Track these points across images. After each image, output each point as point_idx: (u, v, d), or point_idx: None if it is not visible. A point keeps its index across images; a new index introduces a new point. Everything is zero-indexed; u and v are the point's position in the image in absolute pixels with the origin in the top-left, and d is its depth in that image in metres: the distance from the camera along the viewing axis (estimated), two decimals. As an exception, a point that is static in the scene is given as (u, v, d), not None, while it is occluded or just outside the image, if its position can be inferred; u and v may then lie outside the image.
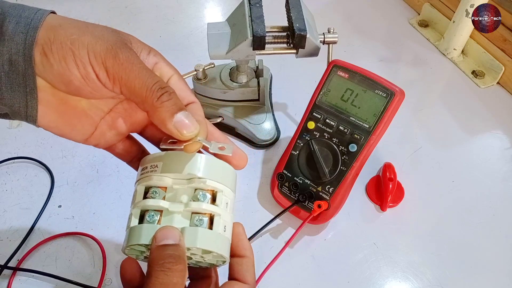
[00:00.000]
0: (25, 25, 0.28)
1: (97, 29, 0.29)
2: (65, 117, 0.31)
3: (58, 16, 0.29)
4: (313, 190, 0.50)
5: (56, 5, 0.82)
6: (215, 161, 0.31)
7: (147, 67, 0.29)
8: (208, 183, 0.30)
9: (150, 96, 0.28)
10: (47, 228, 0.51)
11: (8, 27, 0.27)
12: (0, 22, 0.27)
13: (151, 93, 0.28)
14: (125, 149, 0.36)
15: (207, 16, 0.83)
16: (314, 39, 0.50)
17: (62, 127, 0.31)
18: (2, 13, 0.28)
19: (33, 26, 0.28)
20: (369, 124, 0.48)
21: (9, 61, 0.27)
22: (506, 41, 0.66)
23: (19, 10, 0.28)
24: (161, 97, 0.28)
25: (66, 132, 0.32)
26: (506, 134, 0.62)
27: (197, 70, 0.57)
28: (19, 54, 0.27)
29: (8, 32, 0.27)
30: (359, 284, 0.48)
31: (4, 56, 0.27)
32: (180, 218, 0.30)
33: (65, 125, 0.31)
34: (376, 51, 0.74)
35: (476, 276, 0.48)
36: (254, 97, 0.59)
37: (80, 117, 0.32)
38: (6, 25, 0.27)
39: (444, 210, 0.54)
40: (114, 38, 0.29)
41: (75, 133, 0.33)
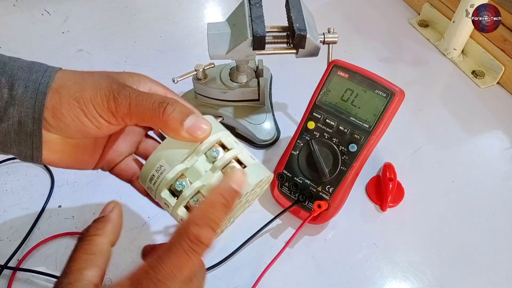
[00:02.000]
0: (33, 90, 0.30)
1: (94, 80, 0.31)
2: (74, 157, 0.34)
3: (61, 75, 0.32)
4: (313, 190, 0.50)
5: (56, 5, 0.82)
6: None
7: (143, 92, 0.31)
8: (207, 141, 0.32)
9: (156, 114, 0.30)
10: (47, 228, 0.51)
11: (18, 91, 0.30)
12: (10, 86, 0.30)
13: (155, 112, 0.30)
14: (124, 169, 0.38)
15: (207, 16, 0.83)
16: (314, 39, 0.50)
17: (72, 165, 0.35)
18: (12, 76, 0.30)
19: (41, 91, 0.30)
20: (369, 124, 0.48)
21: (18, 122, 0.30)
22: (506, 41, 0.66)
23: (27, 73, 0.31)
24: (165, 110, 0.30)
25: (75, 167, 0.35)
26: (506, 134, 0.62)
27: (197, 70, 0.57)
28: (28, 117, 0.30)
29: (18, 96, 0.30)
30: (359, 284, 0.48)
31: (14, 118, 0.30)
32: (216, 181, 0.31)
33: (74, 163, 0.35)
34: (376, 51, 0.74)
35: (476, 276, 0.48)
36: (254, 97, 0.59)
37: (88, 153, 0.35)
38: (15, 89, 0.30)
39: (444, 210, 0.54)
40: (109, 83, 0.31)
41: (84, 166, 0.36)
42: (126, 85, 0.32)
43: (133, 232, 0.51)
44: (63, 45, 0.76)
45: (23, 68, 0.31)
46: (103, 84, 0.31)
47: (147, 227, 0.52)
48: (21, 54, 0.73)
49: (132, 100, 0.30)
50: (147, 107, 0.30)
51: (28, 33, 0.78)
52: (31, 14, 0.81)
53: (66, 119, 0.30)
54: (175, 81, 0.55)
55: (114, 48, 0.75)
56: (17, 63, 0.31)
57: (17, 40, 0.76)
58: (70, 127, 0.31)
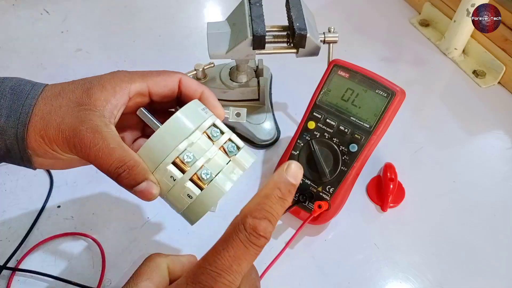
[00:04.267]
0: (14, 120, 0.32)
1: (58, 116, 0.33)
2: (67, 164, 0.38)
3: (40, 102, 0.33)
4: (313, 191, 0.50)
5: (55, 4, 0.82)
6: (189, 110, 0.33)
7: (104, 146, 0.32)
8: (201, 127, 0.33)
9: (111, 176, 0.33)
10: (46, 229, 0.51)
11: (0, 120, 0.32)
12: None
13: (110, 174, 0.32)
14: None
15: (207, 15, 0.83)
16: (314, 39, 0.50)
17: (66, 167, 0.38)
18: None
19: (21, 122, 0.32)
20: (370, 124, 0.48)
21: (5, 146, 0.33)
22: (507, 40, 0.66)
23: (9, 101, 0.33)
24: (120, 177, 0.32)
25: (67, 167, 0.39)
26: (507, 134, 0.62)
27: (197, 70, 0.57)
28: (13, 144, 0.33)
29: (1, 125, 0.32)
30: (359, 285, 0.47)
31: (2, 143, 0.33)
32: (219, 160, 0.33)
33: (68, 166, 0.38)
34: (377, 51, 0.74)
35: (476, 276, 0.48)
36: (254, 97, 0.59)
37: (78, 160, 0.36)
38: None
39: (445, 210, 0.54)
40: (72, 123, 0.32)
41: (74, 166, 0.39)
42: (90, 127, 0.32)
43: (133, 232, 0.51)
44: (63, 44, 0.75)
45: (6, 97, 0.33)
46: (66, 122, 0.32)
47: (147, 227, 0.52)
48: (21, 53, 0.73)
49: (90, 151, 0.32)
50: (104, 165, 0.32)
51: (28, 33, 0.78)
52: (30, 14, 0.81)
53: (39, 151, 0.33)
54: (174, 81, 0.55)
55: (113, 48, 0.75)
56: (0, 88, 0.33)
57: (17, 40, 0.76)
58: (45, 158, 0.34)
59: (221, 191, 0.32)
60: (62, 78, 0.69)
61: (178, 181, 0.32)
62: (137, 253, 0.49)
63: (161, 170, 0.32)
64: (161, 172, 0.32)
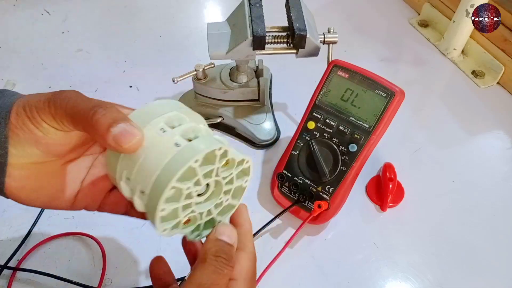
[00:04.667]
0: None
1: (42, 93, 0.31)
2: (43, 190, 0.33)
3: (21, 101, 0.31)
4: (313, 190, 0.50)
5: (56, 5, 0.82)
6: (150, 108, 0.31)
7: (85, 96, 0.30)
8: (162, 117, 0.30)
9: (86, 116, 0.28)
10: (47, 228, 0.51)
11: None
12: None
13: (86, 114, 0.28)
14: (116, 201, 0.36)
15: (207, 16, 0.83)
16: (314, 39, 0.50)
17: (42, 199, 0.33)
18: None
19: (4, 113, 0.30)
20: (369, 124, 0.48)
21: None
22: (506, 41, 0.66)
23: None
24: (95, 113, 0.28)
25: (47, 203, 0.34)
26: (507, 134, 0.62)
27: (197, 70, 0.57)
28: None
29: None
30: (359, 284, 0.48)
31: None
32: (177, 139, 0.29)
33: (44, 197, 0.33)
34: (376, 51, 0.74)
35: (476, 276, 0.48)
36: (254, 97, 0.59)
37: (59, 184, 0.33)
38: None
39: (444, 210, 0.54)
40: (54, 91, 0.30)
41: (57, 202, 0.34)
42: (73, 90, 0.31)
43: (134, 232, 0.51)
44: (63, 45, 0.75)
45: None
46: (48, 92, 0.30)
47: (148, 227, 0.51)
48: (21, 54, 0.74)
49: (69, 101, 0.29)
50: (81, 108, 0.29)
51: (28, 33, 0.78)
52: (30, 14, 0.81)
53: (15, 127, 0.30)
54: (175, 81, 0.55)
55: (113, 48, 0.75)
56: None
57: (17, 40, 0.76)
58: (20, 137, 0.30)
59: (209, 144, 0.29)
60: (62, 78, 0.70)
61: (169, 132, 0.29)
62: (137, 252, 0.50)
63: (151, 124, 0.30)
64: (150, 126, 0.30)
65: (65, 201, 0.34)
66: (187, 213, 0.30)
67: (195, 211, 0.31)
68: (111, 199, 0.36)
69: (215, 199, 0.31)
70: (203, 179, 0.29)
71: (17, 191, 0.32)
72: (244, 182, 0.33)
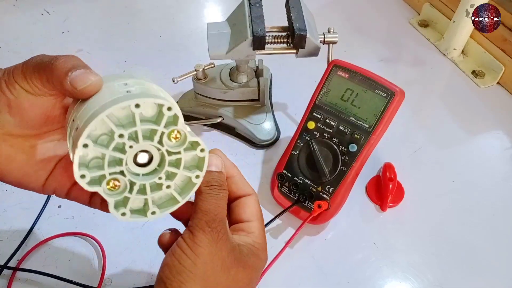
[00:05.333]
0: None
1: None
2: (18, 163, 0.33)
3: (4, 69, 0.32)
4: (313, 190, 0.50)
5: (56, 5, 0.82)
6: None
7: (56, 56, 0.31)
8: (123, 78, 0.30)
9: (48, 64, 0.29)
10: (47, 228, 0.51)
11: None
12: None
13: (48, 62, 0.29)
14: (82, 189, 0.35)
15: (207, 16, 0.83)
16: (314, 39, 0.50)
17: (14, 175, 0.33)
18: None
19: None
20: (369, 124, 0.48)
21: None
22: (506, 41, 0.66)
23: None
24: (57, 58, 0.30)
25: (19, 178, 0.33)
26: (506, 134, 0.62)
27: (197, 70, 0.57)
28: None
29: None
30: (359, 284, 0.48)
31: None
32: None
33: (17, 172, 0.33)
34: (376, 51, 0.74)
35: (476, 276, 0.48)
36: (254, 97, 0.59)
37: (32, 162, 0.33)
38: None
39: (444, 210, 0.54)
40: None
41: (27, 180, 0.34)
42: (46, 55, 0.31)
43: (134, 232, 0.51)
44: (63, 45, 0.76)
45: None
46: None
47: (148, 227, 0.52)
48: (21, 54, 0.74)
49: (37, 58, 0.30)
50: (46, 60, 0.30)
51: (28, 33, 0.78)
52: (31, 14, 0.81)
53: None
54: (175, 81, 0.55)
55: (114, 48, 0.75)
56: None
57: (17, 40, 0.76)
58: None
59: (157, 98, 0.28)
60: (62, 78, 0.69)
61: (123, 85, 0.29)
62: (137, 252, 0.50)
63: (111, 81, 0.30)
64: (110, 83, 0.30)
65: (36, 181, 0.34)
66: (114, 170, 0.28)
67: (126, 176, 0.28)
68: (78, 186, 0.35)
69: (154, 176, 0.29)
70: (141, 135, 0.27)
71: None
72: (195, 177, 0.30)
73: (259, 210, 0.35)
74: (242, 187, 0.35)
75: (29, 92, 0.31)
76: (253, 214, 0.35)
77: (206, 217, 0.31)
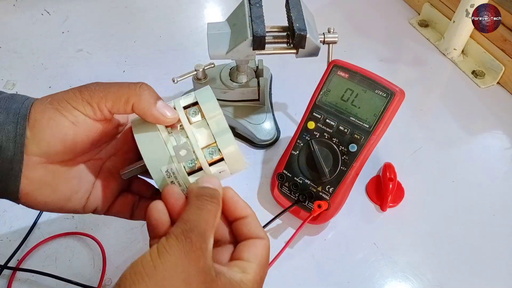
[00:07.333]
0: (14, 114, 0.31)
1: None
2: (54, 188, 0.33)
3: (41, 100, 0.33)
4: (313, 190, 0.50)
5: (56, 5, 0.82)
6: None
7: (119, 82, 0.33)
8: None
9: (132, 89, 0.32)
10: (47, 228, 0.51)
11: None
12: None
13: (130, 86, 0.32)
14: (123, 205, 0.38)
15: (207, 16, 0.83)
16: (314, 39, 0.50)
17: (53, 199, 0.34)
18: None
19: (22, 115, 0.31)
20: (369, 124, 0.48)
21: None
22: (506, 41, 0.66)
23: (8, 102, 0.31)
24: (141, 86, 0.33)
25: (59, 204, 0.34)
26: (506, 134, 0.62)
27: (197, 70, 0.57)
28: (10, 141, 0.30)
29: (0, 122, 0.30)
30: (359, 284, 0.48)
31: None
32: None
33: (56, 196, 0.34)
34: (376, 51, 0.74)
35: (476, 276, 0.48)
36: (254, 97, 0.59)
37: (72, 185, 0.35)
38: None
39: (444, 210, 0.54)
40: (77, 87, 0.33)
41: (70, 204, 0.35)
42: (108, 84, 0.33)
43: (134, 231, 0.51)
44: (63, 45, 0.76)
45: (5, 99, 0.32)
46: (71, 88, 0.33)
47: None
48: (21, 54, 0.74)
49: (104, 84, 0.32)
50: (122, 85, 0.32)
51: (28, 33, 0.78)
52: (31, 14, 0.81)
53: (40, 124, 0.31)
54: (175, 81, 0.55)
55: (114, 48, 0.75)
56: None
57: (17, 40, 0.76)
58: (46, 133, 0.31)
59: None
60: (63, 78, 0.70)
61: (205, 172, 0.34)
62: (137, 252, 0.50)
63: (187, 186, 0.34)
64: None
65: (78, 203, 0.35)
66: None
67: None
68: (119, 202, 0.38)
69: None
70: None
71: (34, 193, 0.32)
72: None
73: (266, 256, 0.32)
74: (254, 229, 0.33)
75: (90, 117, 0.32)
76: (256, 257, 0.31)
77: (184, 226, 0.29)
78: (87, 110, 0.32)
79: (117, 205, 0.38)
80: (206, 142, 0.34)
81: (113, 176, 0.37)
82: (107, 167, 0.37)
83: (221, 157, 0.34)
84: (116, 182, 0.38)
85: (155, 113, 0.32)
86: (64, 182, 0.34)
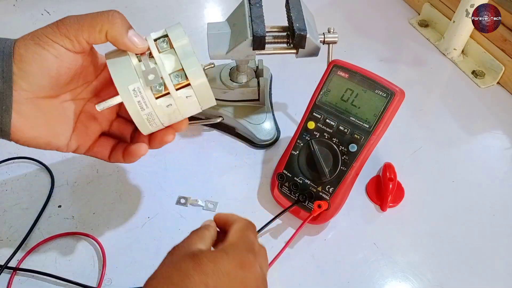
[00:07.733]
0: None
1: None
2: (44, 124, 0.36)
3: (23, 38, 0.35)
4: (313, 190, 0.50)
5: (56, 5, 0.82)
6: None
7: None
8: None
9: (105, 16, 0.35)
10: (47, 228, 0.51)
11: None
12: None
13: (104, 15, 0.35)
14: (103, 145, 0.41)
15: (207, 16, 0.83)
16: (314, 39, 0.50)
17: (42, 135, 0.36)
18: None
19: (7, 53, 0.33)
20: (369, 124, 0.48)
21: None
22: (506, 41, 0.66)
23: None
24: (114, 14, 0.35)
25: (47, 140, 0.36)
26: (506, 134, 0.62)
27: (197, 70, 0.57)
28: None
29: None
30: (359, 284, 0.48)
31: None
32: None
33: (45, 133, 0.36)
34: (376, 51, 0.74)
35: (476, 276, 0.48)
36: (254, 97, 0.59)
37: (58, 123, 0.37)
38: None
39: (444, 210, 0.54)
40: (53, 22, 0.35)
41: (56, 140, 0.37)
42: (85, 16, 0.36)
43: (133, 232, 0.51)
44: (63, 45, 0.75)
45: None
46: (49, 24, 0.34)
47: (148, 227, 0.52)
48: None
49: (78, 17, 0.35)
50: (95, 14, 0.35)
51: (28, 33, 0.78)
52: (31, 14, 0.81)
53: (26, 58, 0.33)
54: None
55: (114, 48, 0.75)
56: None
57: (17, 40, 0.76)
58: (32, 67, 0.33)
59: None
60: (62, 78, 0.69)
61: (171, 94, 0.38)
62: (137, 252, 0.50)
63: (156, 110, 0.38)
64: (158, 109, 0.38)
65: (63, 140, 0.38)
66: None
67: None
68: (99, 143, 0.41)
69: None
70: None
71: (24, 128, 0.34)
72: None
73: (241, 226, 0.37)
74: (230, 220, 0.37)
75: (70, 50, 0.34)
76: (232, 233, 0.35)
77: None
78: (66, 43, 0.34)
79: (97, 145, 0.41)
80: (173, 68, 0.37)
81: (94, 117, 0.41)
82: (88, 109, 0.40)
83: (188, 82, 0.38)
84: (97, 123, 0.41)
85: (126, 41, 0.35)
86: (50, 118, 0.36)
